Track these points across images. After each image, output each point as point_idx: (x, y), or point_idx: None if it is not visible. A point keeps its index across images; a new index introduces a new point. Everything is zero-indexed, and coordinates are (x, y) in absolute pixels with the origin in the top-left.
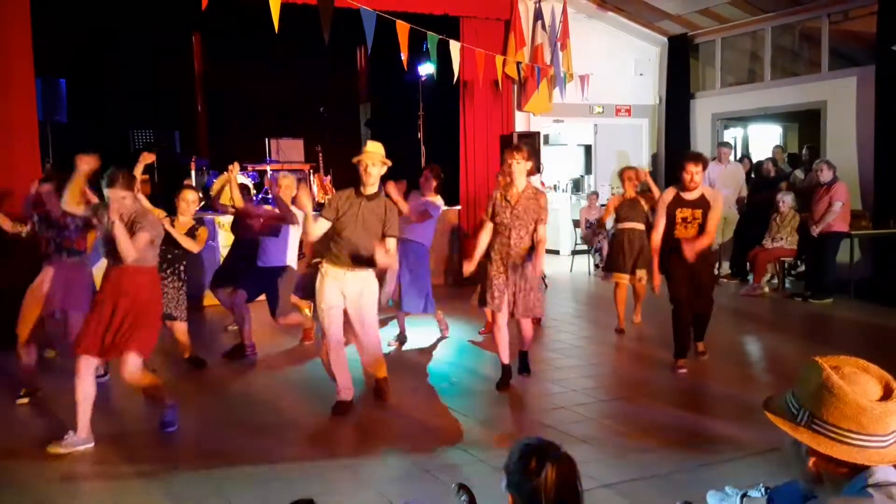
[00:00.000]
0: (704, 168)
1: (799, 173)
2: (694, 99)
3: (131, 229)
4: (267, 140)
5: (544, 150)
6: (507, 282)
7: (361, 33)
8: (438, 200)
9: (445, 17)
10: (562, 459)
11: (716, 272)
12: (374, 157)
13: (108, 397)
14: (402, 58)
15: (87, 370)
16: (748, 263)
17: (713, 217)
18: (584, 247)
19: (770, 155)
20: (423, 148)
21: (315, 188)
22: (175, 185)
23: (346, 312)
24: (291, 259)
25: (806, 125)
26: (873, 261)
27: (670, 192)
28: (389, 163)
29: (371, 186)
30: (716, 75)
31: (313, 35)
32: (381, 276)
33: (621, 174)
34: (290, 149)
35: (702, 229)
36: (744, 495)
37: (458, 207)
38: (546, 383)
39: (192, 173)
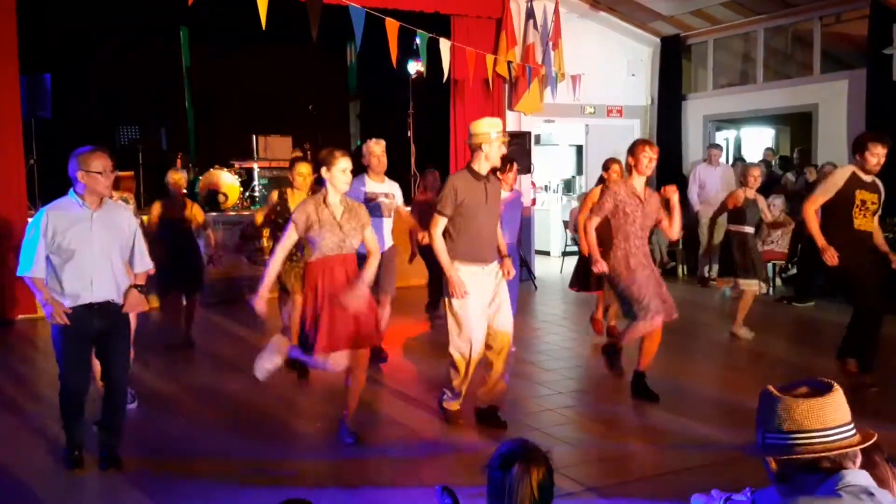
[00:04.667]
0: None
1: (790, 176)
2: (686, 100)
3: None
4: (254, 137)
5: (535, 151)
6: (650, 279)
7: (351, 30)
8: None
9: (436, 14)
10: (537, 461)
11: (706, 275)
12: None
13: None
14: (392, 56)
15: None
16: None
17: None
18: (575, 248)
19: (761, 157)
20: (413, 146)
21: None
22: (161, 183)
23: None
24: None
25: (797, 128)
26: None
27: (847, 170)
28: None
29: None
30: (708, 77)
31: (302, 31)
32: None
33: (746, 173)
34: (278, 146)
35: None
36: (727, 499)
37: None
38: (533, 385)
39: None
